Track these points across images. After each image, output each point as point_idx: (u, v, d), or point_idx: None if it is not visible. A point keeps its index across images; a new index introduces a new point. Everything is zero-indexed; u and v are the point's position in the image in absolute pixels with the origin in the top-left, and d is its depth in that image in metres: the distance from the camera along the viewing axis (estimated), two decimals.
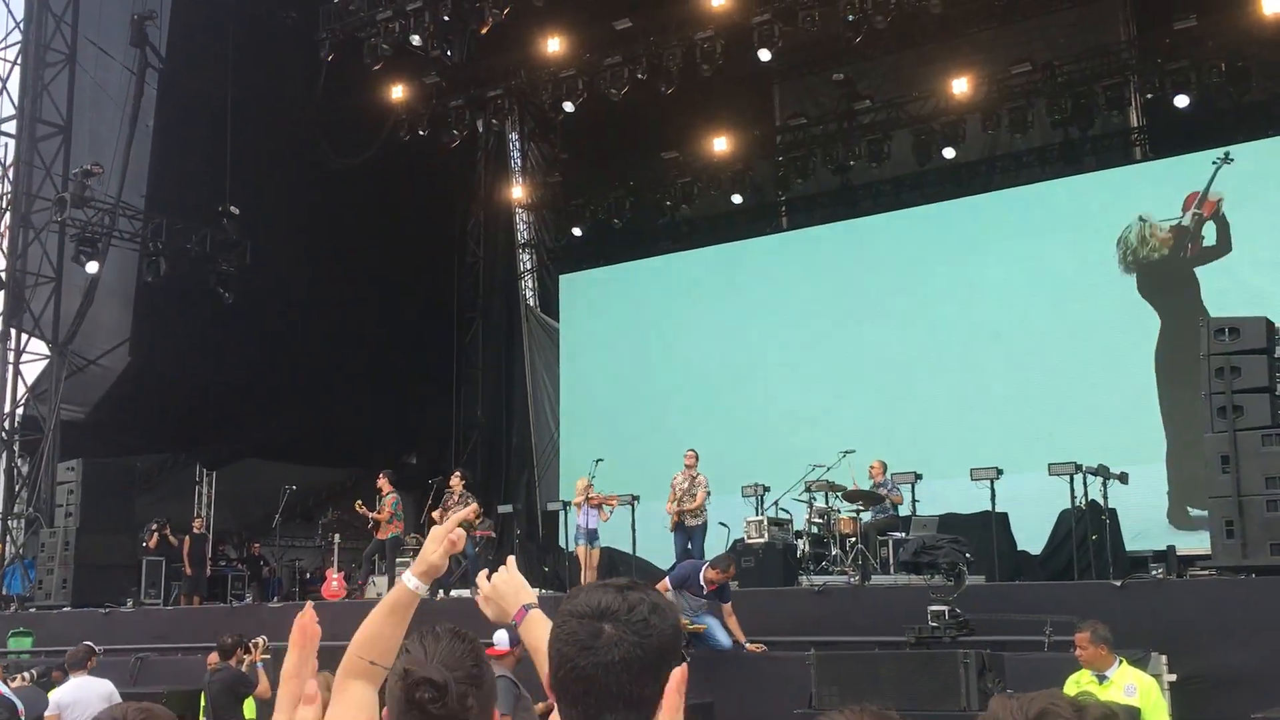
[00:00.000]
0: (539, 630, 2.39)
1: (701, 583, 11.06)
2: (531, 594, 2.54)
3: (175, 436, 21.69)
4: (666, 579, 11.32)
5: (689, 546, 14.73)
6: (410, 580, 2.56)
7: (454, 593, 15.11)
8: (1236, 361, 10.84)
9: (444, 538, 2.60)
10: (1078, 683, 7.95)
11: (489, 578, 2.56)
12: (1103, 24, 19.52)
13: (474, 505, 2.60)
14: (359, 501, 17.06)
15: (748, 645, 11.23)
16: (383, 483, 16.86)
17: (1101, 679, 7.82)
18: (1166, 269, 18.08)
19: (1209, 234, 17.65)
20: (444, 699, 2.14)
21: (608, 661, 1.97)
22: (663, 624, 2.03)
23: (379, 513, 16.60)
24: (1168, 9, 18.18)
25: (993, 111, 19.31)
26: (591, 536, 15.07)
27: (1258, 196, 17.24)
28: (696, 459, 15.13)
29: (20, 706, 7.33)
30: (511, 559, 2.62)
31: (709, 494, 14.87)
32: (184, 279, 19.80)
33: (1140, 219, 18.12)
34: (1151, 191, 18.16)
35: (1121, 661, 7.96)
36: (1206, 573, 11.71)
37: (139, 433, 20.83)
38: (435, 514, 16.15)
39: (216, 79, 19.80)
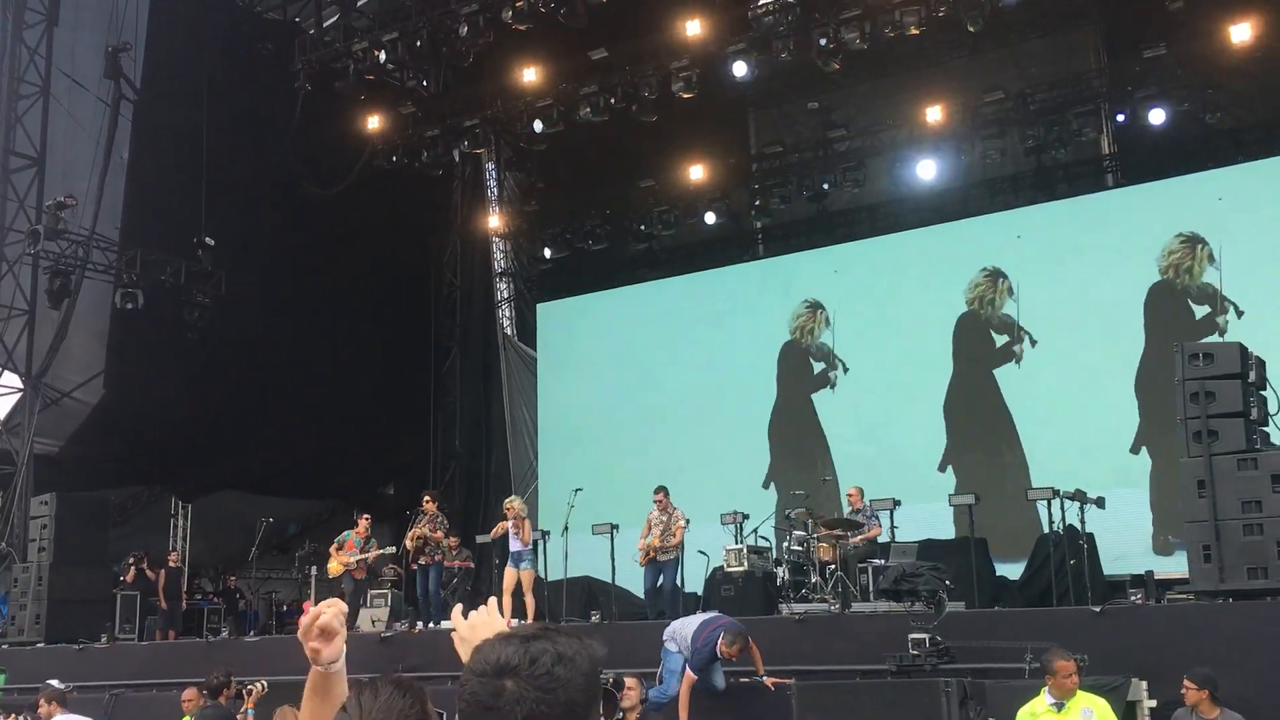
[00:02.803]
0: None
1: (719, 655, 10.82)
2: None
3: (150, 469, 21.53)
4: (689, 670, 10.85)
5: (659, 581, 14.28)
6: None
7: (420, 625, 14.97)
8: (1211, 387, 10.90)
9: (308, 629, 2.46)
10: (1033, 713, 7.90)
11: (465, 615, 2.42)
12: (1074, 53, 19.70)
13: (335, 603, 2.30)
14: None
15: (766, 679, 11.05)
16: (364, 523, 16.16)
17: (1059, 707, 7.78)
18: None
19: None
20: None
21: None
22: (570, 674, 1.88)
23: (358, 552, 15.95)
24: (1137, 37, 18.39)
25: (966, 139, 19.47)
26: (517, 559, 14.44)
27: (1232, 222, 17.35)
28: (666, 494, 14.51)
29: None
30: (493, 600, 2.51)
31: (686, 524, 14.36)
32: (158, 311, 19.70)
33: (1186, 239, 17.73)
34: (1123, 217, 18.29)
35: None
36: (1184, 597, 11.74)
37: (113, 465, 20.68)
38: (408, 538, 15.86)
39: (191, 110, 19.80)
